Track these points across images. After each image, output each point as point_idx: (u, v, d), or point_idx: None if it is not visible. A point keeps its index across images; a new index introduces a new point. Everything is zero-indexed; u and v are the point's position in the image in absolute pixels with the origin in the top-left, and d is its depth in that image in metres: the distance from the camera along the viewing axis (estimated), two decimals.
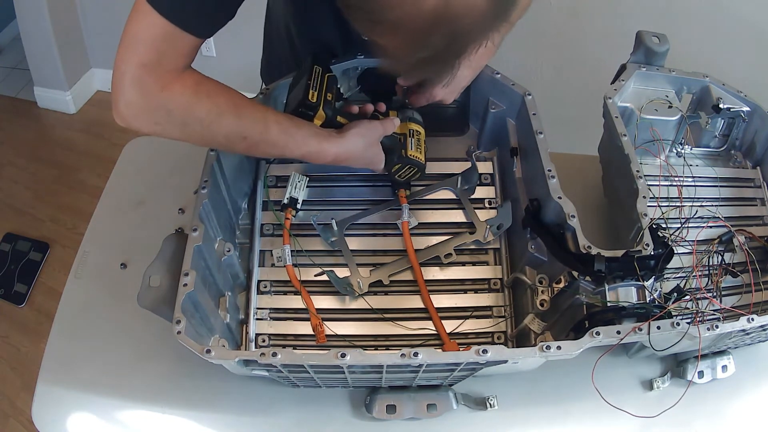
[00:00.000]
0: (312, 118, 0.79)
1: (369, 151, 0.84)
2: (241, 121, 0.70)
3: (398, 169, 0.89)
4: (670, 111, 0.94)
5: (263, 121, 0.72)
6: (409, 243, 0.90)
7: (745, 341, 0.82)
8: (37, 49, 2.45)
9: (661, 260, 0.74)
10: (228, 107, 0.69)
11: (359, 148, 0.81)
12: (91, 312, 0.91)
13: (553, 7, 1.74)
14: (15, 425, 1.70)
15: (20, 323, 1.93)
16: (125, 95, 0.63)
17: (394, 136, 0.88)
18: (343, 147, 0.79)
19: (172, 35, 0.62)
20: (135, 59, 0.62)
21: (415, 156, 0.89)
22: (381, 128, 0.84)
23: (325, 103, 0.79)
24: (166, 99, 0.64)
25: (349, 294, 0.87)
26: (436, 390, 0.80)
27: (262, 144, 0.72)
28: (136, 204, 1.03)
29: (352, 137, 0.80)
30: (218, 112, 0.68)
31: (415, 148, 0.89)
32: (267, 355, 0.63)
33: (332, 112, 0.80)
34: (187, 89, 0.66)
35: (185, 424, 0.81)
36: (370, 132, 0.83)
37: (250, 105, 0.72)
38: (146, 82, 0.63)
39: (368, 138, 0.82)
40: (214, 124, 0.68)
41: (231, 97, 0.70)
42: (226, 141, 0.70)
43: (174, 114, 0.66)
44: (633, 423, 0.79)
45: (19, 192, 2.32)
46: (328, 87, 0.80)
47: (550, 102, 1.20)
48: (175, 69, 0.65)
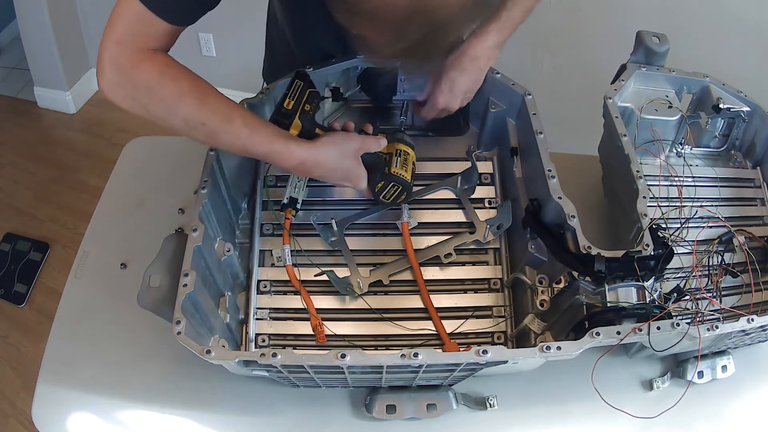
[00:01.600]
0: (288, 127, 0.77)
1: (344, 163, 0.81)
2: (203, 107, 0.71)
3: (381, 187, 0.86)
4: (670, 111, 0.94)
5: (226, 112, 0.72)
6: (409, 243, 0.90)
7: (745, 341, 0.82)
8: (37, 49, 2.45)
9: (661, 260, 0.74)
10: (191, 91, 0.70)
11: (331, 157, 0.79)
12: (91, 312, 0.91)
13: (553, 7, 1.74)
14: (15, 425, 1.70)
15: (20, 323, 1.93)
16: (103, 69, 0.67)
17: (378, 155, 0.85)
18: (311, 152, 0.77)
19: (144, 17, 0.66)
20: (112, 36, 0.66)
21: (400, 173, 0.86)
22: (359, 142, 0.82)
23: (302, 112, 0.78)
24: (134, 76, 0.68)
25: (349, 294, 0.87)
26: (436, 390, 0.80)
27: (223, 134, 0.72)
28: (136, 204, 1.03)
29: (323, 144, 0.78)
30: (180, 94, 0.69)
31: (401, 166, 0.86)
32: (267, 355, 0.63)
33: (310, 124, 0.78)
34: (154, 69, 0.68)
35: (185, 424, 0.81)
36: (345, 143, 0.80)
37: (218, 96, 0.73)
38: (119, 58, 0.67)
39: (342, 149, 0.80)
40: (174, 105, 0.70)
41: (197, 84, 0.71)
42: (185, 125, 0.71)
43: (139, 90, 0.68)
44: (633, 423, 0.79)
45: (19, 192, 2.32)
46: (307, 100, 0.79)
47: (550, 102, 1.20)
48: (146, 49, 0.68)
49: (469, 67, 0.87)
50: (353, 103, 1.02)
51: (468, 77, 0.88)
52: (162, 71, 0.69)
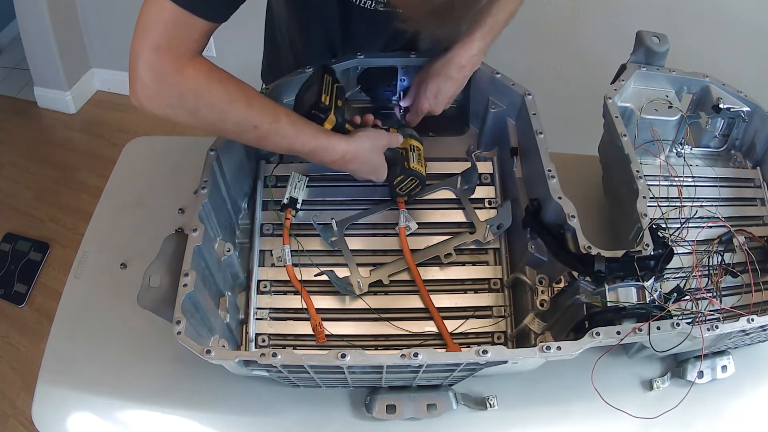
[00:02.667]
0: (323, 121, 0.80)
1: (374, 158, 0.85)
2: (251, 110, 0.71)
3: (401, 180, 0.90)
4: (670, 111, 0.94)
5: (273, 113, 0.73)
6: (407, 248, 0.90)
7: (744, 341, 0.82)
8: (37, 49, 2.45)
9: (661, 260, 0.74)
10: (239, 95, 0.70)
11: (366, 150, 0.83)
12: (91, 312, 0.91)
13: (553, 7, 1.74)
14: (15, 425, 1.70)
15: (20, 323, 1.93)
16: (140, 78, 0.64)
17: (396, 150, 0.89)
18: (352, 145, 0.80)
19: (181, 19, 0.64)
20: (148, 43, 0.63)
21: (417, 168, 0.90)
22: (386, 138, 0.86)
23: (336, 108, 0.81)
24: (178, 82, 0.65)
25: (349, 294, 0.87)
26: (436, 390, 0.80)
27: (273, 135, 0.73)
28: (136, 204, 1.03)
29: (360, 138, 0.82)
30: (229, 99, 0.69)
31: (417, 161, 0.91)
32: (267, 355, 0.63)
33: (342, 119, 0.82)
34: (200, 74, 0.67)
35: (185, 424, 0.81)
36: (378, 138, 0.84)
37: (261, 97, 0.74)
38: (159, 65, 0.64)
39: (375, 143, 0.84)
40: (225, 110, 0.69)
41: (242, 87, 0.71)
42: (237, 128, 0.71)
43: (186, 97, 0.66)
44: (633, 423, 0.79)
45: (19, 192, 2.32)
46: (338, 95, 0.82)
47: (550, 102, 1.20)
48: (187, 53, 0.66)
49: (456, 75, 0.90)
50: (353, 103, 1.02)
51: (453, 84, 0.91)
52: (208, 76, 0.67)
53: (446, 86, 0.91)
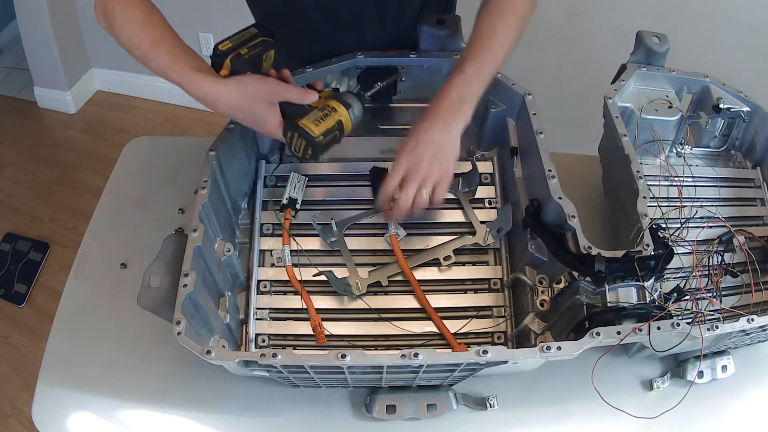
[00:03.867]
0: (220, 67, 0.77)
1: (250, 105, 0.78)
2: (143, 31, 0.79)
3: (289, 138, 0.80)
4: (670, 111, 0.94)
5: (159, 38, 0.79)
6: (400, 255, 0.89)
7: (744, 341, 0.82)
8: (37, 49, 2.45)
9: (661, 260, 0.74)
10: (140, 18, 0.79)
11: (234, 97, 0.77)
12: (91, 312, 0.91)
13: (553, 7, 1.74)
14: (15, 425, 1.70)
15: (20, 323, 1.93)
16: (95, 3, 0.80)
17: (304, 106, 0.80)
18: (215, 88, 0.76)
19: None
20: None
21: (307, 127, 0.78)
22: (272, 87, 0.78)
23: (236, 55, 0.77)
24: (105, 3, 0.80)
25: (347, 295, 0.87)
26: (436, 390, 0.80)
27: (152, 58, 0.78)
28: (136, 204, 1.03)
29: (226, 83, 0.76)
30: (130, 18, 0.79)
31: (315, 121, 0.79)
32: (267, 356, 0.63)
33: (241, 66, 0.77)
34: None
35: (185, 424, 0.81)
36: (254, 85, 0.78)
37: (162, 25, 0.80)
38: None
39: (251, 90, 0.77)
40: (123, 27, 0.79)
41: (149, 12, 0.80)
42: (128, 45, 0.79)
43: (107, 13, 0.80)
44: (633, 423, 0.79)
45: (19, 192, 2.32)
46: (253, 46, 0.78)
47: (550, 102, 1.20)
48: None
49: None
50: None
51: None
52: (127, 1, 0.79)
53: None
